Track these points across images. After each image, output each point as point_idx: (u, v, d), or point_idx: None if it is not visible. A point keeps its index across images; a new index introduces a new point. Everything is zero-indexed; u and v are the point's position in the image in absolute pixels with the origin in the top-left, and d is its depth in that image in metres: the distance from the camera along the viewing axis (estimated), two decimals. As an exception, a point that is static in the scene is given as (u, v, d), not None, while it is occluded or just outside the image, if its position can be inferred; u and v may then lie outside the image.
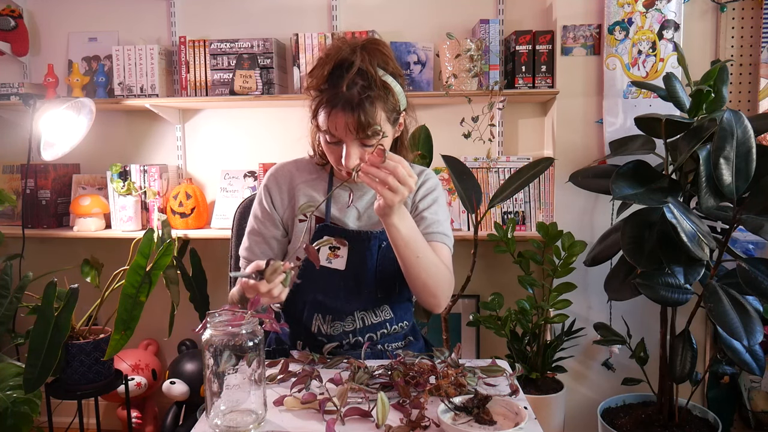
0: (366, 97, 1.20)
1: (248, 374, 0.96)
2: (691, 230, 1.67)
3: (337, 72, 1.22)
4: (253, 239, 1.42)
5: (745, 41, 2.24)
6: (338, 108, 1.20)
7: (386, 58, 1.27)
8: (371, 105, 1.20)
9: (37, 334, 1.78)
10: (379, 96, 1.22)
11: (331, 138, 1.25)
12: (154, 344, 2.63)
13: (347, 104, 1.19)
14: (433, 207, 1.41)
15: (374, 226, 1.39)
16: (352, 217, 1.40)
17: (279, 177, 1.43)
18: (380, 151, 1.11)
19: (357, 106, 1.19)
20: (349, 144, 1.24)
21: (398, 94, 1.28)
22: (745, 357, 1.87)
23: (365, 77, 1.21)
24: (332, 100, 1.21)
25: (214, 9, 2.55)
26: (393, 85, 1.26)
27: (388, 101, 1.24)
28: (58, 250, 2.67)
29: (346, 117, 1.20)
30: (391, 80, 1.26)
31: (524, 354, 2.21)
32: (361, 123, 1.19)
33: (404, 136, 1.39)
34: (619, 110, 2.23)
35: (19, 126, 2.55)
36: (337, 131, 1.23)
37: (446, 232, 1.39)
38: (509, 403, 0.97)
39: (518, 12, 2.43)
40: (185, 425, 2.40)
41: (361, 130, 1.20)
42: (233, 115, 2.60)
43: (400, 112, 1.30)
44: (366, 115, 1.19)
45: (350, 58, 1.22)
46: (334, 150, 1.27)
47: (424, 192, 1.42)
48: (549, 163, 2.14)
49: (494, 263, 2.50)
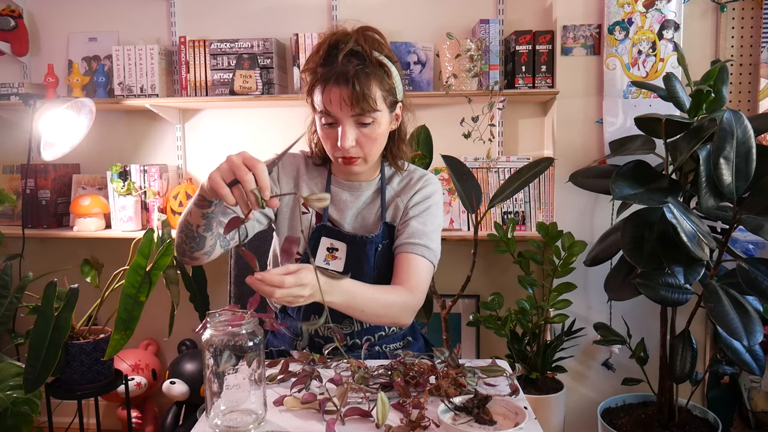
0: (360, 69, 1.19)
1: (248, 374, 0.96)
2: (691, 230, 1.67)
3: (332, 52, 1.22)
4: None
5: (745, 41, 2.24)
6: (332, 82, 1.19)
7: (381, 44, 1.26)
8: (366, 78, 1.19)
9: (37, 334, 1.77)
10: (375, 73, 1.21)
11: (327, 119, 1.24)
12: (154, 344, 2.63)
13: (342, 77, 1.19)
14: (422, 216, 1.35)
15: (368, 229, 1.37)
16: (348, 219, 1.38)
17: (287, 164, 1.41)
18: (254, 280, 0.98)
19: (352, 77, 1.18)
20: (344, 123, 1.22)
21: (395, 76, 1.27)
22: (745, 357, 1.87)
23: (360, 57, 1.21)
24: (326, 75, 1.21)
25: (214, 9, 2.55)
26: (389, 66, 1.25)
27: (384, 81, 1.23)
28: (58, 250, 2.67)
29: (341, 90, 1.19)
30: (387, 61, 1.25)
31: (524, 354, 2.21)
32: (356, 95, 1.18)
33: (402, 131, 1.38)
34: (619, 110, 2.23)
35: (19, 126, 2.55)
36: (332, 106, 1.21)
37: (429, 245, 1.32)
38: (509, 403, 0.97)
39: (518, 12, 2.43)
40: (185, 425, 2.40)
41: (356, 103, 1.19)
42: (233, 115, 2.60)
43: (396, 98, 1.29)
44: (361, 86, 1.18)
45: (345, 39, 1.22)
46: (330, 133, 1.26)
47: (418, 198, 1.38)
48: (549, 163, 2.14)
49: (494, 263, 2.50)
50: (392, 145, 1.37)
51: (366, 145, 1.26)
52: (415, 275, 1.29)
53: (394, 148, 1.37)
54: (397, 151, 1.38)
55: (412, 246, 1.31)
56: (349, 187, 1.39)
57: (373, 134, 1.26)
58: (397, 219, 1.38)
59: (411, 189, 1.40)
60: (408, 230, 1.33)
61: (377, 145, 1.29)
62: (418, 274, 1.30)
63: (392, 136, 1.36)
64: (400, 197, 1.39)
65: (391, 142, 1.36)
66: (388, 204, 1.39)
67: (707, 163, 1.77)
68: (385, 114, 1.26)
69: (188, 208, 1.15)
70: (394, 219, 1.38)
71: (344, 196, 1.39)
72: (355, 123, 1.23)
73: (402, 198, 1.39)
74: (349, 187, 1.39)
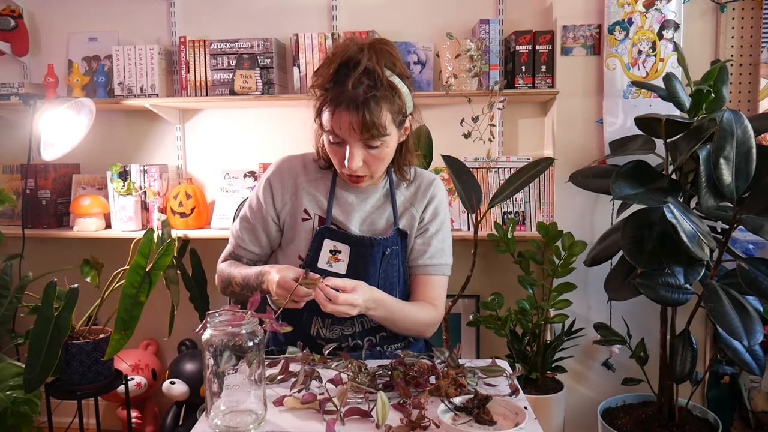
0: (371, 96, 1.17)
1: (248, 374, 0.96)
2: (691, 230, 1.67)
3: (343, 70, 1.19)
4: (243, 225, 1.43)
5: (745, 41, 2.24)
6: (342, 107, 1.18)
7: (394, 59, 1.24)
8: (377, 104, 1.18)
9: (37, 334, 1.77)
10: (385, 96, 1.19)
11: (335, 138, 1.23)
12: (154, 344, 2.62)
13: (352, 103, 1.17)
14: (440, 233, 1.40)
15: (377, 232, 1.37)
16: (355, 221, 1.37)
17: (284, 173, 1.40)
18: None
19: (362, 105, 1.16)
20: (352, 145, 1.22)
21: (405, 95, 1.25)
22: (745, 357, 1.87)
23: (371, 77, 1.19)
24: (337, 98, 1.19)
25: (214, 9, 2.55)
26: (400, 87, 1.23)
27: (395, 103, 1.22)
28: (58, 250, 2.67)
29: (351, 116, 1.17)
30: (398, 81, 1.24)
31: (524, 354, 2.21)
32: (366, 123, 1.17)
33: (409, 141, 1.36)
34: (619, 110, 2.23)
35: (19, 126, 2.55)
36: (341, 131, 1.20)
37: (448, 261, 1.42)
38: (509, 403, 0.97)
39: (518, 12, 2.43)
40: (185, 425, 2.40)
41: (365, 131, 1.18)
42: (233, 115, 2.60)
43: (406, 115, 1.28)
44: (371, 114, 1.17)
45: (357, 56, 1.19)
46: (337, 151, 1.25)
47: (433, 210, 1.40)
48: (549, 163, 2.14)
49: (494, 263, 2.50)
50: (399, 156, 1.36)
51: (373, 164, 1.27)
52: (439, 294, 1.40)
53: (401, 158, 1.37)
54: (403, 161, 1.38)
55: (435, 267, 1.40)
56: (355, 190, 1.38)
57: (380, 155, 1.26)
58: (413, 229, 1.40)
59: (423, 197, 1.41)
60: (430, 251, 1.39)
61: (384, 163, 1.30)
62: (442, 291, 1.42)
63: (399, 147, 1.34)
64: (414, 206, 1.40)
65: (398, 153, 1.35)
66: (401, 212, 1.40)
67: (707, 163, 1.77)
68: (394, 135, 1.26)
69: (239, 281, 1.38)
70: (408, 227, 1.40)
71: (350, 198, 1.38)
72: (364, 145, 1.23)
73: (416, 208, 1.40)
74: (355, 189, 1.38)
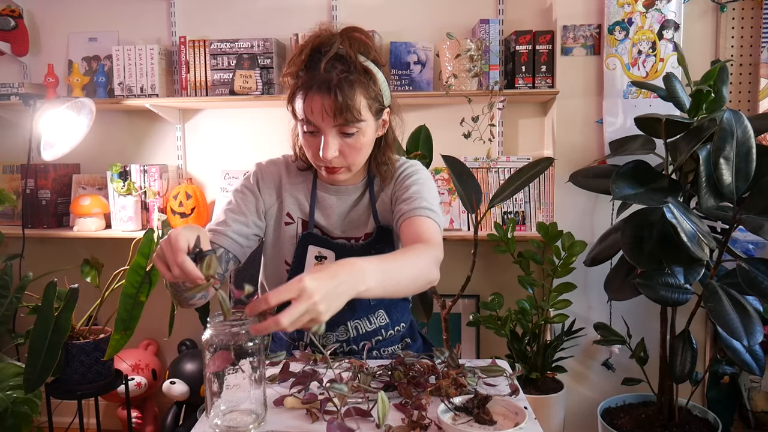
0: (344, 78, 1.13)
1: (248, 374, 0.96)
2: (691, 230, 1.67)
3: (316, 56, 1.15)
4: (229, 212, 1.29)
5: (745, 41, 2.24)
6: (314, 90, 1.13)
7: (368, 46, 1.20)
8: (350, 87, 1.13)
9: (37, 334, 1.77)
10: (359, 81, 1.15)
11: (309, 127, 1.18)
12: (154, 344, 2.63)
13: (324, 85, 1.12)
14: (413, 187, 1.28)
15: (357, 231, 1.33)
16: (337, 223, 1.33)
17: (267, 175, 1.36)
18: None
19: (335, 86, 1.12)
20: (327, 132, 1.17)
21: (381, 82, 1.20)
22: (745, 357, 1.87)
23: (344, 61, 1.15)
24: (308, 82, 1.14)
25: (214, 9, 2.55)
26: (375, 72, 1.19)
27: (369, 88, 1.17)
28: (58, 250, 2.67)
29: (323, 99, 1.13)
30: (373, 67, 1.19)
31: (524, 354, 2.21)
32: (339, 105, 1.12)
33: (389, 137, 1.31)
34: (619, 110, 2.23)
35: (19, 126, 2.55)
36: (313, 116, 1.15)
37: (432, 207, 1.23)
38: (509, 403, 0.97)
39: (518, 12, 2.43)
40: (185, 425, 2.40)
41: (338, 114, 1.13)
42: (233, 115, 2.60)
43: (383, 105, 1.23)
44: (344, 96, 1.12)
45: (329, 41, 1.15)
46: (312, 142, 1.20)
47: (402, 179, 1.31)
48: (549, 163, 2.14)
49: (494, 263, 2.50)
50: (378, 152, 1.30)
51: (350, 155, 1.21)
52: (425, 231, 1.18)
53: (379, 155, 1.31)
54: (382, 157, 1.31)
55: (413, 210, 1.22)
56: (336, 191, 1.34)
57: (357, 144, 1.20)
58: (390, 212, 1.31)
59: (393, 179, 1.34)
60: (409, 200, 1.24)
61: (362, 155, 1.23)
62: (428, 230, 1.19)
63: (378, 143, 1.29)
64: (384, 191, 1.34)
65: (377, 149, 1.30)
66: (381, 209, 1.33)
67: (707, 163, 1.77)
68: (370, 123, 1.20)
69: None
70: (386, 218, 1.33)
71: (331, 200, 1.34)
72: (338, 133, 1.18)
73: (386, 191, 1.34)
74: (336, 191, 1.34)
